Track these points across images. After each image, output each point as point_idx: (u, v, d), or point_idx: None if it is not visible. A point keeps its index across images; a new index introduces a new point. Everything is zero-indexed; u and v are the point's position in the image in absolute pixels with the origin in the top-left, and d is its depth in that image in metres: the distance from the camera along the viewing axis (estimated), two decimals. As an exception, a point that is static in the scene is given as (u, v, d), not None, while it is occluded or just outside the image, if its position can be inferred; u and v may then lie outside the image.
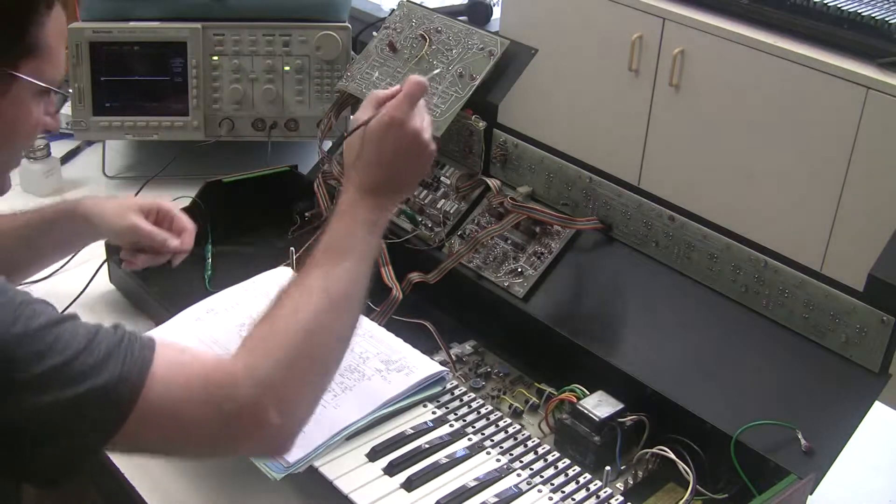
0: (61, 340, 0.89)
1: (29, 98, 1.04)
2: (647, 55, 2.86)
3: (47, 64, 1.04)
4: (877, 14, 2.47)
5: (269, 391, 0.98)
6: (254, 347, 1.01)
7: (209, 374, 0.98)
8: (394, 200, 1.18)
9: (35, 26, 1.01)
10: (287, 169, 1.71)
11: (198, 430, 0.97)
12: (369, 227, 1.13)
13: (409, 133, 1.14)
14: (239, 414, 0.97)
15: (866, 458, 1.27)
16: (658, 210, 1.35)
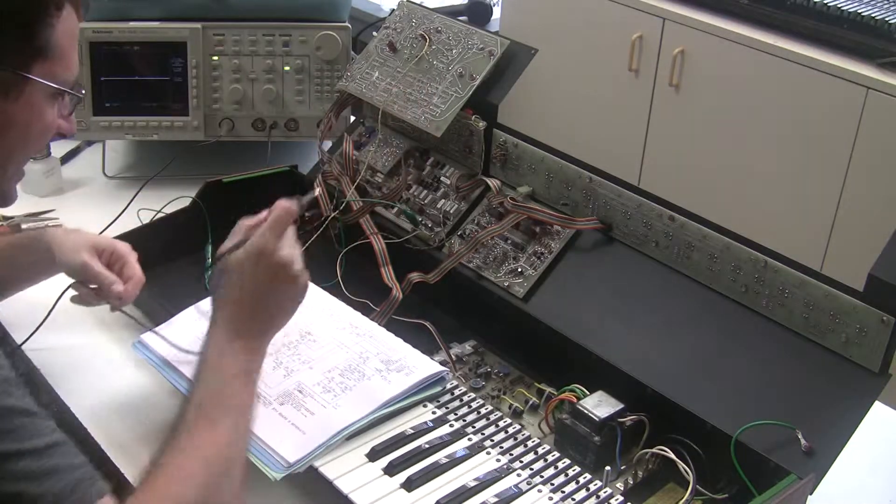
0: (23, 431, 0.86)
1: (42, 101, 1.04)
2: (647, 55, 2.86)
3: (59, 66, 1.03)
4: (877, 14, 2.47)
5: None
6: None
7: None
8: (264, 341, 1.08)
9: (45, 28, 1.00)
10: (287, 169, 1.71)
11: None
12: (242, 379, 1.04)
13: (274, 264, 1.06)
14: None
15: (866, 458, 1.27)
16: (658, 210, 1.35)
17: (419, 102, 1.56)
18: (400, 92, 1.60)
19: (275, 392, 1.21)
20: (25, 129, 1.04)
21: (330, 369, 1.25)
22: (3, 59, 0.99)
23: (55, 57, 1.02)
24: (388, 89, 1.61)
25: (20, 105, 1.01)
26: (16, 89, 1.00)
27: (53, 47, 1.02)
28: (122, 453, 1.26)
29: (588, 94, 3.07)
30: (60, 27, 1.02)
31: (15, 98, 1.01)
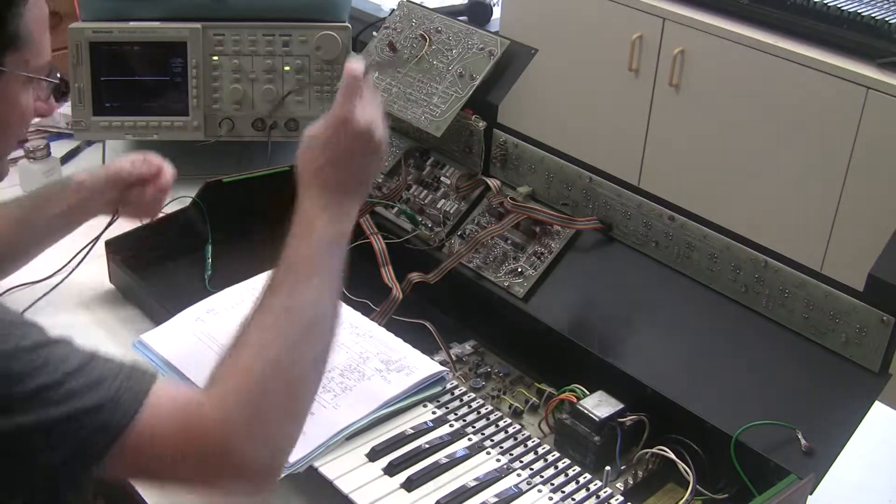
0: (51, 362, 0.88)
1: (17, 89, 1.04)
2: (647, 55, 2.86)
3: (31, 53, 1.03)
4: (877, 14, 2.47)
5: (241, 429, 0.94)
6: (223, 386, 0.97)
7: (188, 414, 0.94)
8: (354, 204, 1.11)
9: (14, 18, 1.00)
10: (287, 169, 1.71)
11: (178, 467, 0.94)
12: (332, 242, 1.07)
13: (357, 129, 1.09)
14: (212, 453, 0.93)
15: (866, 458, 1.27)
16: (658, 210, 1.35)
17: (419, 102, 1.56)
18: (400, 92, 1.60)
19: (275, 392, 1.21)
20: (4, 119, 1.05)
21: (330, 369, 1.25)
22: None
23: (26, 45, 1.02)
24: (388, 89, 1.61)
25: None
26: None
27: (24, 36, 1.01)
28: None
29: (588, 94, 3.07)
30: (29, 15, 1.02)
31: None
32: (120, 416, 0.89)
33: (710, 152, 2.77)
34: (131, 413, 0.89)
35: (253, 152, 1.89)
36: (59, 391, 0.87)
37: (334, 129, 1.09)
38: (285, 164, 1.71)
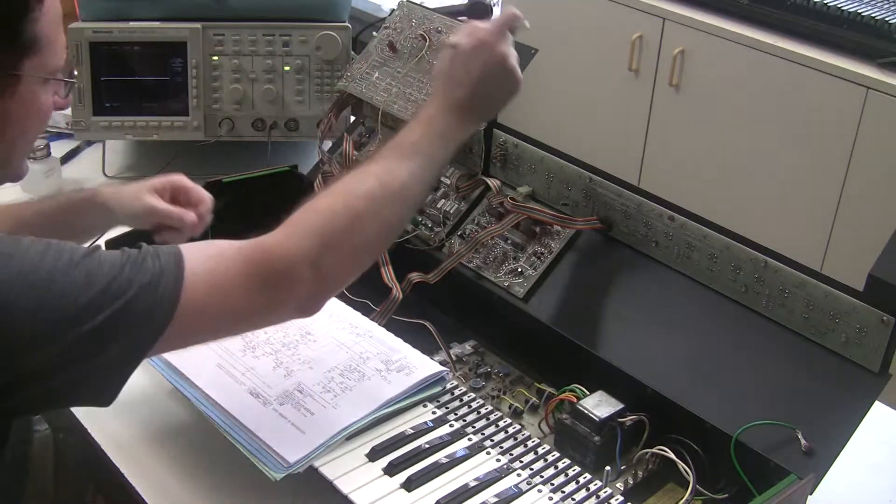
0: (105, 263, 0.95)
1: (36, 90, 1.05)
2: (647, 55, 2.86)
3: (48, 55, 1.04)
4: (877, 14, 2.47)
5: (304, 254, 1.03)
6: (294, 221, 1.07)
7: (245, 252, 1.03)
8: (474, 121, 1.22)
9: (29, 24, 1.00)
10: (287, 169, 1.71)
11: (239, 299, 1.02)
12: (443, 139, 1.17)
13: (498, 57, 1.21)
14: (276, 279, 1.02)
15: (866, 458, 1.27)
16: (658, 210, 1.35)
17: (419, 102, 1.56)
18: (400, 92, 1.60)
19: (275, 392, 1.22)
20: (23, 121, 1.06)
21: (330, 369, 1.25)
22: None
23: (43, 48, 1.03)
24: (388, 89, 1.61)
25: (15, 101, 1.02)
26: (9, 88, 1.01)
27: (41, 40, 1.02)
28: (122, 453, 1.26)
29: (588, 94, 3.07)
30: (44, 19, 1.02)
31: (10, 96, 1.02)
32: (174, 278, 0.97)
33: (710, 152, 2.77)
34: (181, 273, 0.97)
35: (253, 152, 1.89)
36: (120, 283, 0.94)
37: (473, 48, 1.21)
38: (285, 164, 1.72)
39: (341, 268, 1.09)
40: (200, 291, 0.99)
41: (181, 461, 1.26)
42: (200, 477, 1.23)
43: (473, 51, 1.21)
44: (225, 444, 1.17)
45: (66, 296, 0.92)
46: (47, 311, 0.91)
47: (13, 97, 1.02)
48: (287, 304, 1.06)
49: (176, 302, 0.97)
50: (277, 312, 1.07)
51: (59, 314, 0.91)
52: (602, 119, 3.03)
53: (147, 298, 0.95)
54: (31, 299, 0.91)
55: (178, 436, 1.29)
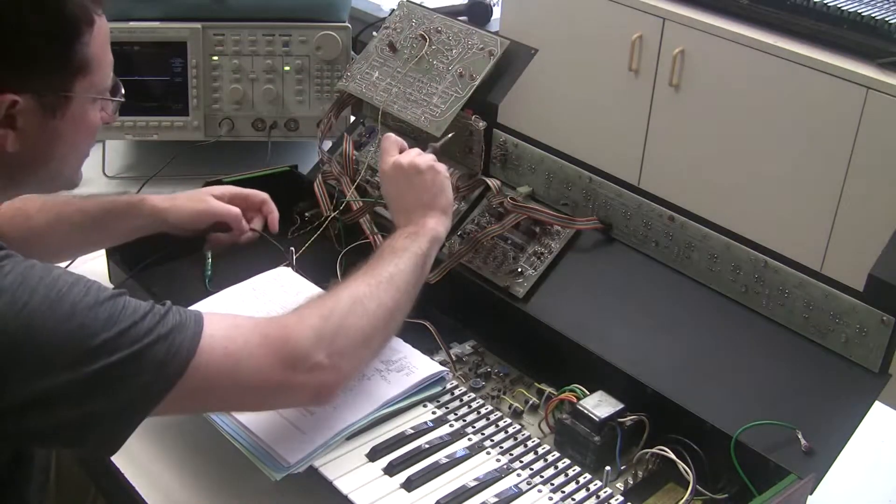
0: (129, 307, 0.97)
1: (86, 109, 1.07)
2: (647, 55, 2.86)
3: (98, 75, 1.07)
4: (877, 14, 2.47)
5: (318, 337, 1.07)
6: (305, 307, 1.11)
7: (263, 326, 1.06)
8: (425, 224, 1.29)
9: (81, 47, 1.03)
10: (287, 169, 1.71)
11: (253, 375, 1.04)
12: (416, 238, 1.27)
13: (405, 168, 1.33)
14: (293, 357, 1.05)
15: (866, 458, 1.27)
16: (658, 210, 1.35)
17: (419, 102, 1.56)
18: (400, 92, 1.60)
19: (275, 392, 1.21)
20: (74, 138, 1.08)
21: (330, 369, 1.25)
22: (47, 85, 1.02)
23: (93, 70, 1.05)
24: (388, 89, 1.61)
25: (66, 120, 1.05)
26: (61, 108, 1.04)
27: (91, 61, 1.05)
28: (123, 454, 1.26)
29: (588, 94, 3.07)
30: (94, 42, 1.04)
31: (62, 116, 1.04)
32: (191, 336, 0.99)
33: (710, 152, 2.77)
34: (198, 334, 1.00)
35: (253, 152, 1.89)
36: (140, 329, 0.96)
37: (390, 170, 1.35)
38: (285, 165, 1.72)
39: (353, 352, 1.12)
40: (217, 353, 1.01)
41: (181, 461, 1.26)
42: (200, 477, 1.23)
43: (385, 178, 1.35)
44: (225, 445, 1.17)
45: (85, 330, 0.93)
46: (67, 341, 0.92)
47: (65, 117, 1.04)
48: (303, 388, 1.08)
49: (190, 358, 0.98)
50: (292, 394, 1.09)
51: (77, 346, 0.93)
52: (602, 119, 3.03)
53: (162, 349, 0.97)
54: (53, 327, 0.92)
55: (178, 436, 1.29)
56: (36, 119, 1.02)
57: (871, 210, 2.41)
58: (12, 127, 1.01)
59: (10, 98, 0.99)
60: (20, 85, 0.99)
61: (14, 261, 0.95)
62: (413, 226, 1.29)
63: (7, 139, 1.01)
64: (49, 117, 1.03)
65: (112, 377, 0.94)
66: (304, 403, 1.14)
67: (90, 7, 1.03)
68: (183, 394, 0.98)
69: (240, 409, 1.15)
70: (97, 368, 0.93)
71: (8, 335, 0.91)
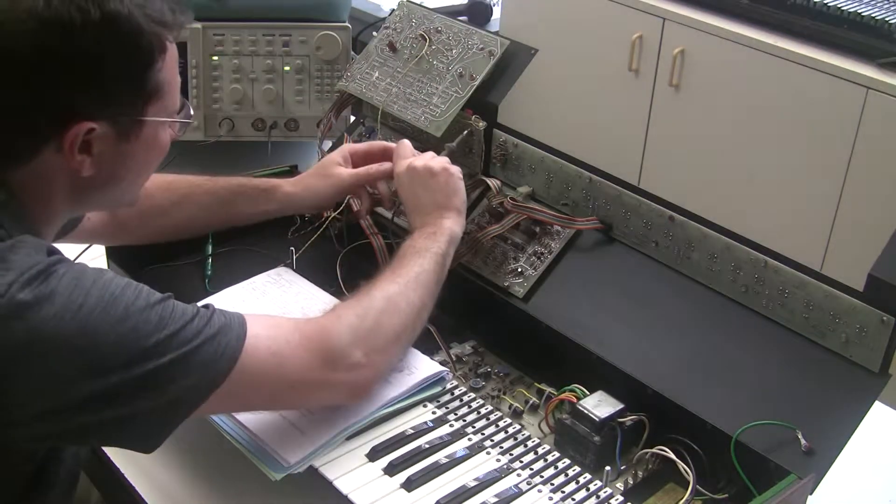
0: (177, 310, 1.00)
1: (157, 131, 1.10)
2: (647, 55, 2.86)
3: (168, 99, 1.09)
4: (877, 14, 2.47)
5: (355, 336, 1.12)
6: (339, 308, 1.16)
7: (302, 327, 1.11)
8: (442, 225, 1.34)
9: (154, 74, 1.05)
10: (287, 169, 1.71)
11: (295, 373, 1.08)
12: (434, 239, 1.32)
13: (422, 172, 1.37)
14: (333, 355, 1.10)
15: (866, 458, 1.27)
16: (658, 210, 1.35)
17: (419, 102, 1.56)
18: (400, 92, 1.60)
19: (275, 392, 1.21)
20: (144, 159, 1.11)
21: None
22: (122, 110, 1.04)
23: (164, 94, 1.08)
24: (388, 89, 1.61)
25: (140, 143, 1.07)
26: (135, 132, 1.06)
27: (162, 87, 1.07)
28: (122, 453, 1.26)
29: (588, 94, 3.07)
30: (166, 67, 1.06)
31: (135, 138, 1.07)
32: (236, 338, 1.02)
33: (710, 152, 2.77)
34: (242, 336, 1.03)
35: (253, 152, 1.89)
36: (189, 331, 0.99)
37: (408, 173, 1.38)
38: (285, 165, 1.72)
39: (386, 349, 1.17)
40: (262, 352, 1.04)
41: (181, 461, 1.26)
42: (200, 477, 1.23)
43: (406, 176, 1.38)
44: (225, 445, 1.17)
45: (138, 332, 0.96)
46: (121, 342, 0.95)
47: (137, 140, 1.07)
48: (341, 385, 1.12)
49: (236, 357, 1.02)
50: (330, 391, 1.13)
51: (130, 348, 0.95)
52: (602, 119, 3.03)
53: (210, 349, 1.00)
54: (108, 328, 0.94)
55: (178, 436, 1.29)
56: (111, 144, 1.04)
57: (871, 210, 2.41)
58: (88, 153, 1.03)
59: (87, 126, 1.01)
60: (96, 112, 1.02)
61: (66, 265, 0.97)
62: (431, 226, 1.33)
63: (84, 164, 1.03)
64: (123, 142, 1.05)
65: (162, 378, 0.97)
66: (342, 400, 1.16)
67: (164, 35, 1.05)
68: (228, 392, 1.02)
69: (280, 406, 1.17)
70: (149, 369, 0.96)
71: (64, 337, 0.93)
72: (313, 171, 1.53)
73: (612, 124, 3.00)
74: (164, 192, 1.44)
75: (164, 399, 0.98)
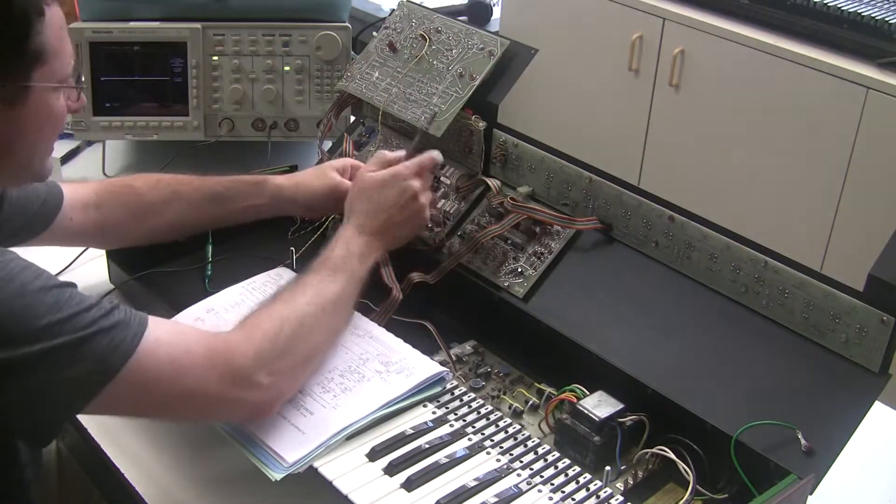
0: (75, 297, 0.99)
1: (48, 98, 1.07)
2: (647, 55, 2.86)
3: (56, 64, 1.06)
4: (877, 14, 2.48)
5: (262, 358, 1.10)
6: (250, 325, 1.14)
7: (209, 340, 1.09)
8: (381, 246, 1.33)
9: (34, 36, 1.03)
10: (287, 169, 1.71)
11: (192, 385, 1.06)
12: (360, 258, 1.29)
13: (410, 191, 1.35)
14: (233, 374, 1.08)
15: (866, 458, 1.27)
16: (658, 210, 1.35)
17: (419, 102, 1.56)
18: (400, 92, 1.60)
19: (275, 392, 1.21)
20: (38, 127, 1.09)
21: (330, 370, 1.25)
22: (3, 76, 1.02)
23: (50, 57, 1.05)
24: (388, 89, 1.61)
25: (28, 110, 1.05)
26: (20, 98, 1.04)
27: (47, 50, 1.04)
28: (122, 453, 1.26)
29: (588, 94, 3.07)
30: (48, 30, 1.04)
31: (22, 105, 1.05)
32: (133, 335, 1.01)
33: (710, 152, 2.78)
34: (141, 332, 1.02)
35: (253, 152, 1.89)
36: (84, 319, 0.98)
37: (388, 178, 1.35)
38: (285, 165, 1.72)
39: (292, 374, 1.16)
40: (161, 356, 1.03)
41: (182, 462, 1.26)
42: (200, 477, 1.23)
43: (387, 181, 1.35)
44: (225, 445, 1.17)
45: (31, 310, 0.95)
46: (12, 319, 0.94)
47: (25, 106, 1.05)
48: (241, 404, 1.11)
49: (129, 355, 1.00)
50: (229, 409, 1.12)
51: (21, 326, 0.95)
52: (602, 119, 3.03)
53: (103, 341, 0.99)
54: (0, 304, 0.94)
55: (178, 437, 1.29)
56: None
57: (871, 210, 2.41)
58: None
59: None
60: None
61: None
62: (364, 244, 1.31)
63: None
64: (8, 108, 1.04)
65: (50, 360, 0.96)
66: (239, 419, 1.15)
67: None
68: (119, 392, 1.00)
69: (173, 417, 1.17)
70: (38, 350, 0.95)
71: None
72: (309, 170, 1.53)
73: (612, 124, 3.00)
74: (153, 190, 1.43)
75: (53, 385, 0.97)
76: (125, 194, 1.43)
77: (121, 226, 1.42)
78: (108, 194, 1.42)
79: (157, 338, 1.03)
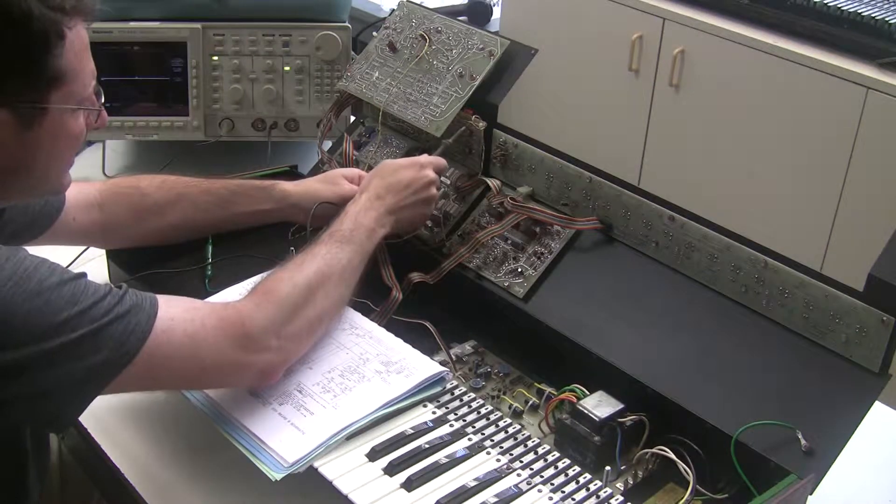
0: (89, 288, 1.02)
1: (66, 119, 1.08)
2: (647, 55, 2.86)
3: (74, 86, 1.07)
4: (877, 14, 2.47)
5: (272, 323, 1.15)
6: (261, 292, 1.18)
7: (220, 312, 1.13)
8: (389, 223, 1.37)
9: (53, 59, 1.03)
10: (287, 169, 1.71)
11: (210, 356, 1.10)
12: (368, 232, 1.33)
13: (427, 177, 1.42)
14: (246, 339, 1.12)
15: (866, 458, 1.27)
16: (658, 210, 1.35)
17: (419, 102, 1.56)
18: (400, 92, 1.60)
19: (274, 392, 1.21)
20: (53, 147, 1.10)
21: (330, 370, 1.25)
22: (20, 96, 1.03)
23: (69, 79, 1.06)
24: (388, 89, 1.61)
25: (44, 130, 1.06)
26: (37, 120, 1.05)
27: (66, 71, 1.05)
28: (122, 453, 1.26)
29: (588, 94, 3.07)
30: (68, 53, 1.05)
31: (38, 126, 1.06)
32: (147, 317, 1.04)
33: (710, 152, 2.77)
34: (153, 314, 1.05)
35: (253, 152, 1.89)
36: (100, 309, 1.01)
37: (412, 163, 1.42)
38: (285, 165, 1.72)
39: (299, 338, 1.20)
40: (177, 333, 1.07)
41: (181, 462, 1.26)
42: (200, 477, 1.23)
43: (406, 165, 1.41)
44: (225, 445, 1.17)
45: (50, 307, 0.98)
46: (32, 317, 0.97)
47: (42, 127, 1.06)
48: (252, 368, 1.15)
49: (146, 336, 1.03)
50: (241, 374, 1.16)
51: (42, 322, 0.97)
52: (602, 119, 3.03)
53: (120, 327, 1.02)
54: (20, 302, 0.96)
55: (178, 436, 1.29)
56: (12, 131, 1.04)
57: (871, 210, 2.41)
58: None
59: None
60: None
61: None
62: (374, 218, 1.35)
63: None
64: (26, 129, 1.05)
65: (73, 353, 0.98)
66: (251, 383, 1.19)
67: (60, 20, 1.03)
68: (139, 372, 1.03)
69: (191, 387, 1.19)
70: (59, 344, 0.97)
71: None
72: (318, 176, 1.53)
73: (612, 124, 3.00)
74: (159, 191, 1.44)
75: (73, 375, 0.99)
76: (130, 195, 1.44)
77: (124, 226, 1.43)
78: (113, 195, 1.43)
79: (171, 316, 1.06)
